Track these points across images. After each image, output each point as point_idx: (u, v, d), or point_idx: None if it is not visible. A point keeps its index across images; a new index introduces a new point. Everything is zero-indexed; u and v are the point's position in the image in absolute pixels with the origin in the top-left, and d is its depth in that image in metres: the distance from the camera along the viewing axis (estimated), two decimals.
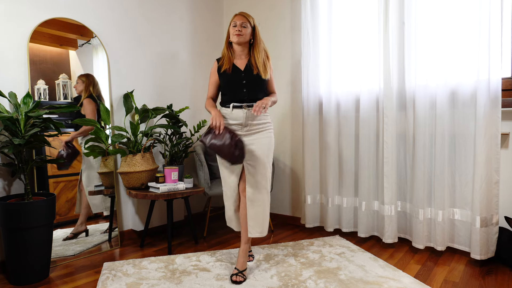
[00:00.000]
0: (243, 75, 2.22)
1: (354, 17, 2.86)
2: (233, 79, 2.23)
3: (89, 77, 2.70)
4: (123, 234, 2.94)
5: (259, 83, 2.22)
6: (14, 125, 2.12)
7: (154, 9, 3.17)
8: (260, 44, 2.24)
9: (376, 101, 2.80)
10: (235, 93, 2.23)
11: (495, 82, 2.28)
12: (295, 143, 3.36)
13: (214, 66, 2.32)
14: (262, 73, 2.21)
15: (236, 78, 2.22)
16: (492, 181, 2.32)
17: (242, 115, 2.21)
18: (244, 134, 2.22)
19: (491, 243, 2.34)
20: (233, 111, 2.22)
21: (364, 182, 2.83)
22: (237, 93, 2.22)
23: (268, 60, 2.26)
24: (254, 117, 2.22)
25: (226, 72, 2.23)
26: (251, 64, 2.23)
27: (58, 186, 2.57)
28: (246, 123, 2.22)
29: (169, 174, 2.73)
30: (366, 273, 2.19)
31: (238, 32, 2.17)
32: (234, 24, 2.20)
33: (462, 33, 2.45)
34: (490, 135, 2.31)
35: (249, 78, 2.21)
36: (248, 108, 2.20)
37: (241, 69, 2.23)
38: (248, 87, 2.21)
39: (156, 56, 3.18)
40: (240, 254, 2.22)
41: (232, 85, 2.24)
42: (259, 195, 2.21)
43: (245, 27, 2.19)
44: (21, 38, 2.39)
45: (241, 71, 2.22)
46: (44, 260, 2.21)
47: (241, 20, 2.19)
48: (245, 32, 2.19)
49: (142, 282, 2.12)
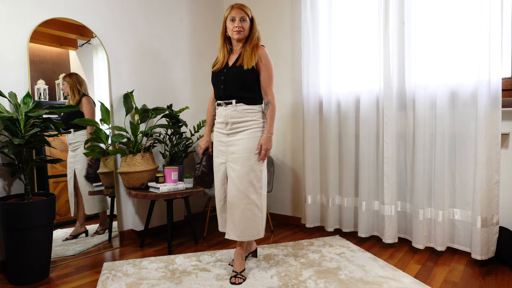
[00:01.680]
0: (225, 71, 2.13)
1: (354, 17, 2.86)
2: (215, 76, 2.18)
3: (72, 76, 2.63)
4: (123, 234, 2.94)
5: (238, 77, 2.07)
6: (14, 125, 2.12)
7: (154, 9, 3.17)
8: (255, 34, 2.12)
9: (376, 101, 2.80)
10: (216, 90, 2.19)
11: (496, 82, 2.27)
12: (295, 143, 3.36)
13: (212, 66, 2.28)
14: (245, 63, 2.06)
15: (218, 75, 2.16)
16: (493, 181, 2.32)
17: (223, 113, 2.14)
18: (227, 134, 2.15)
19: (492, 243, 2.33)
20: (218, 110, 2.19)
21: (364, 182, 2.83)
22: (217, 90, 2.18)
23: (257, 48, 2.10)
24: (236, 115, 2.11)
25: (214, 70, 2.19)
26: (239, 58, 2.11)
27: (58, 186, 2.57)
28: (226, 121, 2.13)
29: (169, 174, 2.73)
30: (366, 273, 2.19)
31: (239, 28, 2.07)
32: (232, 19, 2.08)
33: (462, 33, 2.44)
34: (490, 135, 2.31)
35: (228, 74, 2.11)
36: (227, 106, 2.12)
37: (229, 65, 2.14)
38: (225, 83, 2.11)
39: (156, 56, 3.18)
40: (235, 257, 2.20)
41: (214, 82, 2.20)
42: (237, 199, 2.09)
43: (244, 21, 2.08)
44: (21, 38, 2.39)
45: (227, 67, 2.14)
46: (44, 260, 2.21)
47: (240, 15, 2.07)
48: (245, 27, 2.08)
49: (142, 282, 2.12)
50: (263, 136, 2.12)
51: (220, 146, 2.19)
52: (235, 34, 2.09)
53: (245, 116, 2.11)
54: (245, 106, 2.11)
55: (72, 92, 2.61)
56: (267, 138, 2.12)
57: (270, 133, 2.13)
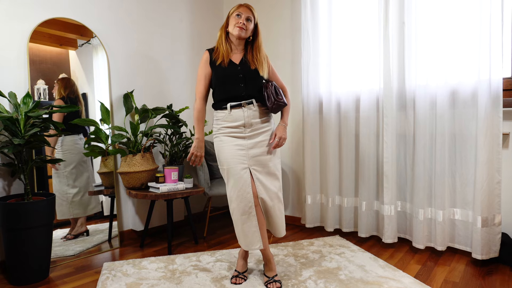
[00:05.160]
0: (239, 69, 2.02)
1: (354, 17, 2.86)
2: (229, 73, 2.01)
3: (63, 80, 2.60)
4: (123, 234, 2.94)
5: (257, 79, 2.03)
6: (14, 125, 2.12)
7: (154, 9, 3.17)
8: (261, 42, 2.08)
9: (376, 101, 2.80)
10: (231, 89, 2.00)
11: (496, 82, 2.27)
12: (295, 143, 3.36)
13: (205, 57, 2.07)
14: (259, 69, 2.03)
15: (233, 72, 2.01)
16: (494, 181, 2.31)
17: (242, 115, 2.00)
18: (248, 136, 2.01)
19: (493, 243, 2.33)
20: (232, 112, 2.01)
21: (364, 182, 2.83)
22: (233, 89, 2.00)
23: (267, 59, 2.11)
24: (257, 115, 2.03)
25: (222, 65, 2.02)
26: (247, 60, 2.04)
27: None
28: (249, 123, 2.01)
29: (169, 174, 2.73)
30: (366, 273, 2.19)
31: (242, 25, 1.98)
32: (238, 14, 2.00)
33: (463, 33, 2.44)
34: (491, 135, 2.30)
35: (247, 72, 2.01)
36: (247, 106, 2.01)
37: (237, 63, 2.03)
38: (246, 82, 2.00)
39: (156, 56, 3.18)
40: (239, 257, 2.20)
41: (228, 79, 2.01)
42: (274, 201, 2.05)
43: (249, 21, 2.01)
44: (21, 38, 2.39)
45: (237, 65, 2.03)
46: (44, 260, 2.21)
47: (247, 14, 2.00)
48: (248, 27, 2.00)
49: (142, 282, 2.12)
50: (278, 125, 2.09)
51: (238, 151, 1.99)
52: (236, 30, 1.99)
53: (264, 116, 2.07)
54: (263, 106, 2.08)
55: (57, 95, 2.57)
56: (283, 128, 2.08)
57: (285, 123, 2.10)
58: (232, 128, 2.02)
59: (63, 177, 2.59)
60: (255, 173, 2.00)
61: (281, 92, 2.10)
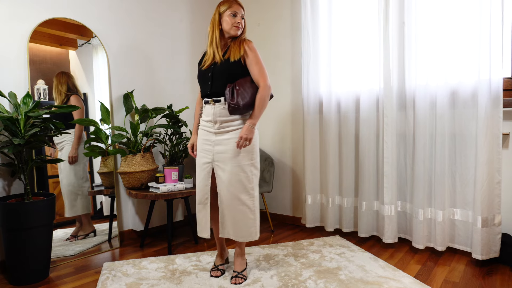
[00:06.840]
0: (212, 67, 2.04)
1: (354, 17, 2.85)
2: (202, 72, 2.09)
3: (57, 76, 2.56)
4: (123, 234, 2.94)
5: (225, 73, 2.00)
6: (14, 125, 2.12)
7: (154, 9, 3.17)
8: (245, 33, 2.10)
9: (376, 101, 2.80)
10: (202, 87, 2.10)
11: (496, 82, 2.27)
12: (295, 143, 3.36)
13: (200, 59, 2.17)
14: (232, 55, 2.00)
15: (205, 72, 2.07)
16: (494, 181, 2.31)
17: (211, 111, 2.04)
18: (216, 132, 2.05)
19: (493, 243, 2.33)
20: (205, 107, 2.08)
21: (364, 182, 2.83)
22: (204, 87, 2.09)
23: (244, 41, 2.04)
24: (225, 114, 2.01)
25: (201, 65, 2.10)
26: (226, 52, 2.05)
27: (58, 186, 2.57)
28: (215, 120, 2.03)
29: (169, 174, 2.73)
30: (366, 273, 2.19)
31: (239, 25, 2.03)
32: (233, 14, 2.02)
33: (463, 33, 2.44)
34: (491, 135, 2.30)
35: (216, 69, 2.03)
36: (216, 104, 2.02)
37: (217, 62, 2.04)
38: (212, 79, 2.03)
39: (156, 56, 3.18)
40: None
41: (200, 78, 2.11)
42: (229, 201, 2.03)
43: (243, 19, 2.06)
44: (21, 38, 2.39)
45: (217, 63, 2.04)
46: (44, 260, 2.21)
47: (241, 12, 2.05)
48: (243, 25, 2.07)
49: (142, 282, 2.12)
50: (245, 125, 2.01)
51: (205, 145, 2.09)
52: (234, 30, 2.03)
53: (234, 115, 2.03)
54: None
55: (56, 93, 2.54)
56: (248, 127, 1.98)
57: (252, 123, 2.00)
58: (205, 122, 2.11)
59: (80, 170, 2.60)
60: (217, 169, 2.06)
61: (241, 93, 1.97)
